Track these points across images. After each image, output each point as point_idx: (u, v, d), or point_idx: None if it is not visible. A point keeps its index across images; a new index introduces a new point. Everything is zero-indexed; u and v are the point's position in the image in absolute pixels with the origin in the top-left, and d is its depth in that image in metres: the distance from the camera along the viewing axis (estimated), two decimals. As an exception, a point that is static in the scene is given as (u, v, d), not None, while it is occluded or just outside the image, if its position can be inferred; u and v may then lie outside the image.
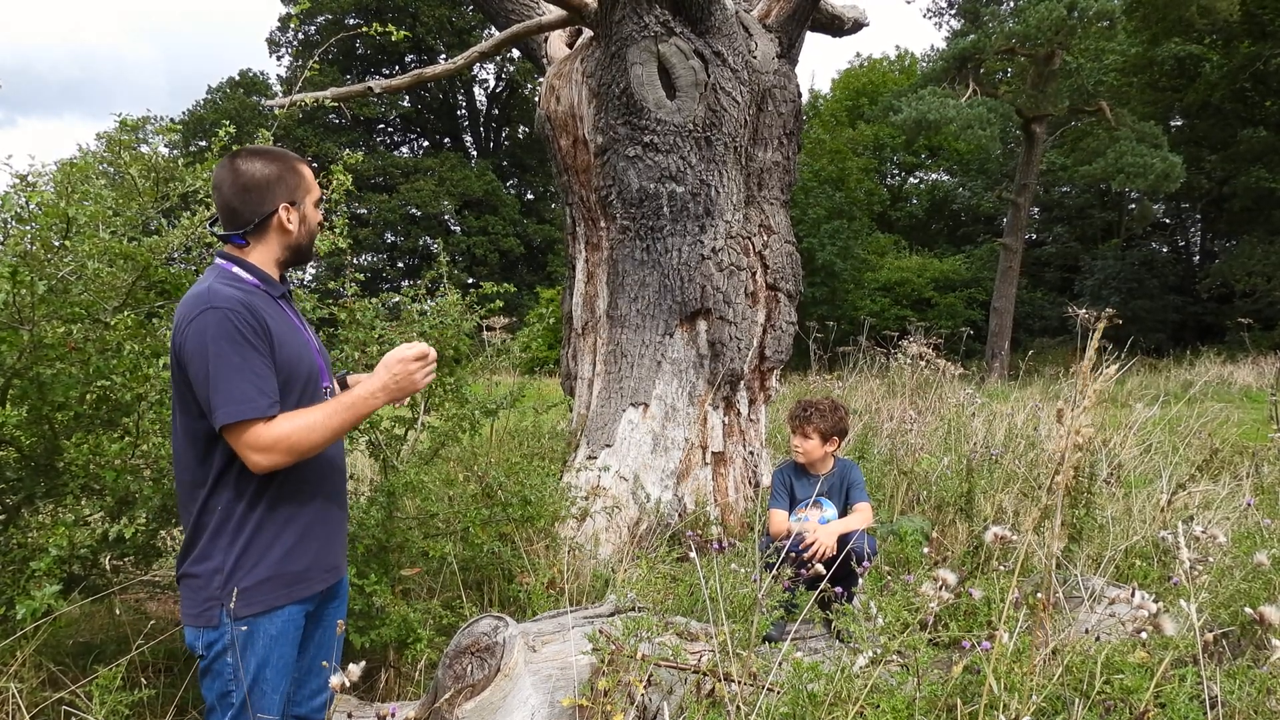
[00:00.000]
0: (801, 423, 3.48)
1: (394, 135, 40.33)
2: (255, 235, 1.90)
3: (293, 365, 1.84)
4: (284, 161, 1.93)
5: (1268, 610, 1.89)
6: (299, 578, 1.86)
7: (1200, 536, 2.42)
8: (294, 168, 1.93)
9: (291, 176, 1.92)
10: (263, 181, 1.87)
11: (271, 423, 1.73)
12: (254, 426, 1.71)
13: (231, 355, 1.70)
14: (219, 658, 1.81)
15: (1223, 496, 4.70)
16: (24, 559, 2.46)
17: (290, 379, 1.83)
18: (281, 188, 1.89)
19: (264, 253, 1.92)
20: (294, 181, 1.92)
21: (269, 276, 1.91)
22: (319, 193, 2.00)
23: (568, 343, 5.51)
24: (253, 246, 1.91)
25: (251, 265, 1.89)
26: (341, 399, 1.82)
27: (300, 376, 1.86)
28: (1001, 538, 2.02)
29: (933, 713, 2.13)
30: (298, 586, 1.87)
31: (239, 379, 1.70)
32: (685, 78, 4.77)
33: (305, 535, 1.89)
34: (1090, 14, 17.79)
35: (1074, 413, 1.68)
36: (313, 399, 1.91)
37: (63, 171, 2.72)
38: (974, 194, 30.43)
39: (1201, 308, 25.39)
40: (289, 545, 1.84)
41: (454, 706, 2.21)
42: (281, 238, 1.92)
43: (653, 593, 3.60)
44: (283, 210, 1.89)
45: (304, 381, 1.88)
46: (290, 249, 1.95)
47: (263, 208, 1.88)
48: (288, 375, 1.82)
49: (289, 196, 1.90)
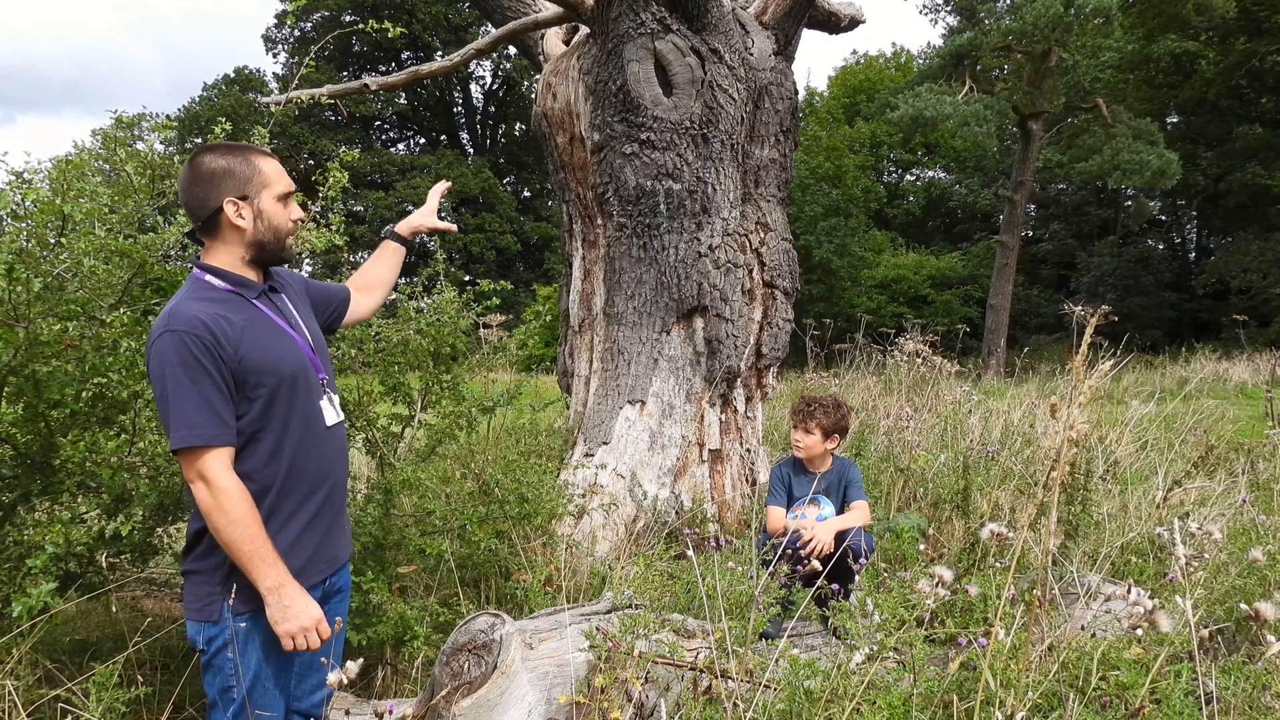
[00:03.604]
0: (805, 418, 3.49)
1: (390, 132, 40.28)
2: (208, 233, 1.86)
3: (271, 366, 1.81)
4: (238, 154, 1.85)
5: (1263, 606, 1.90)
6: (298, 573, 1.86)
7: (1196, 533, 2.43)
8: (248, 160, 1.85)
9: (244, 169, 1.84)
10: (209, 175, 1.82)
11: (221, 459, 1.71)
12: (203, 455, 1.70)
13: (184, 379, 1.69)
14: (219, 653, 1.82)
15: (1218, 493, 4.71)
16: (20, 556, 2.45)
17: (273, 380, 1.81)
18: (229, 182, 1.82)
19: (226, 252, 1.87)
20: (246, 175, 1.84)
21: (241, 278, 1.87)
22: (286, 188, 1.90)
23: (565, 340, 5.51)
24: (211, 246, 1.87)
25: (219, 269, 1.86)
26: (267, 550, 1.75)
27: (282, 375, 1.83)
28: (998, 535, 2.02)
29: (929, 709, 2.14)
30: (298, 579, 1.87)
31: (189, 405, 1.69)
32: (682, 75, 4.76)
33: (306, 530, 1.89)
34: (1087, 11, 17.78)
35: (1069, 409, 1.68)
36: (306, 394, 1.89)
37: (59, 168, 2.71)
38: (970, 191, 30.43)
39: (1197, 304, 25.44)
40: (289, 541, 1.84)
41: (451, 704, 2.21)
42: (236, 234, 1.85)
43: (650, 590, 3.61)
44: (228, 205, 1.82)
45: (289, 380, 1.85)
46: (251, 246, 1.87)
47: (209, 202, 1.82)
48: (270, 378, 1.80)
49: (238, 191, 1.83)
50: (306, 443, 1.89)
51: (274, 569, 1.75)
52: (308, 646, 1.80)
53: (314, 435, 1.91)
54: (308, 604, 1.79)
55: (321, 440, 1.94)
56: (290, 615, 1.76)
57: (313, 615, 1.79)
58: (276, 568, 1.75)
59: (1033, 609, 1.89)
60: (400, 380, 3.66)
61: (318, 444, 1.92)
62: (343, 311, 2.30)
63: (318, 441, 1.92)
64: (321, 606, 2.01)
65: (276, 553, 1.77)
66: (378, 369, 3.58)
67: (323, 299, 2.24)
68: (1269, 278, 21.21)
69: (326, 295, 2.25)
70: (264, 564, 1.74)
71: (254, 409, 1.80)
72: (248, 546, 1.72)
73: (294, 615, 1.76)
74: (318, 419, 1.93)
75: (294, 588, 1.78)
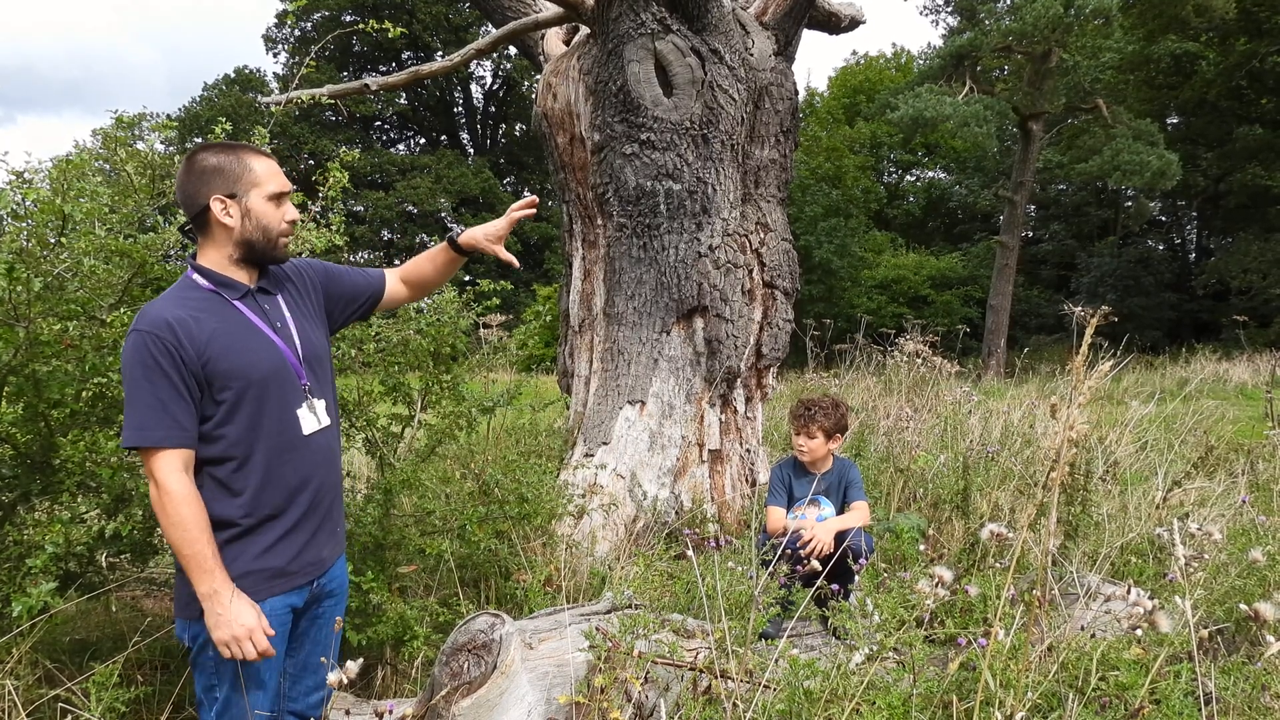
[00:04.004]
0: (806, 422, 3.48)
1: (391, 133, 40.28)
2: (200, 231, 1.86)
3: (242, 371, 1.79)
4: (230, 153, 1.84)
5: (1262, 607, 1.90)
6: (280, 573, 1.86)
7: (1195, 533, 2.43)
8: (239, 159, 1.84)
9: (234, 168, 1.83)
10: (200, 173, 1.81)
11: (170, 460, 1.71)
12: (153, 456, 1.70)
13: (142, 380, 1.70)
14: (203, 650, 1.82)
15: (1218, 493, 4.72)
16: (20, 556, 2.46)
17: (240, 384, 1.79)
18: (218, 180, 1.81)
19: (214, 250, 1.86)
20: (235, 173, 1.82)
21: (225, 278, 1.86)
22: (278, 187, 1.88)
23: (565, 340, 5.51)
24: (203, 244, 1.87)
25: (205, 269, 1.85)
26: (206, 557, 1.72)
27: (251, 379, 1.81)
28: (998, 535, 2.02)
29: (929, 709, 2.14)
30: (279, 581, 1.86)
31: (143, 406, 1.70)
32: (682, 75, 4.76)
33: (286, 535, 1.87)
34: (1087, 11, 17.79)
35: (1069, 409, 1.68)
36: (281, 400, 1.87)
37: (59, 168, 2.71)
38: (971, 192, 30.42)
39: (1197, 305, 25.44)
40: (265, 545, 1.83)
41: (451, 704, 2.21)
42: (224, 233, 1.84)
43: (650, 590, 3.61)
44: (215, 203, 1.81)
45: (260, 385, 1.82)
46: (239, 245, 1.86)
47: (197, 200, 1.81)
48: (238, 382, 1.79)
49: (226, 189, 1.81)
50: (280, 447, 1.86)
51: (209, 575, 1.72)
52: (243, 655, 1.75)
53: (288, 441, 1.87)
54: (242, 612, 1.75)
55: (297, 446, 1.89)
56: (222, 623, 1.73)
57: (245, 624, 1.74)
58: (212, 575, 1.73)
59: (1032, 609, 1.89)
60: (400, 380, 3.66)
61: (292, 449, 1.88)
62: (377, 299, 2.25)
63: (292, 447, 1.88)
64: (309, 609, 2.00)
65: (217, 559, 1.74)
66: (378, 369, 3.58)
67: (349, 293, 2.19)
68: (1269, 278, 21.21)
69: (354, 289, 2.20)
70: (200, 570, 1.72)
71: (220, 412, 1.78)
72: (186, 550, 1.71)
73: (225, 623, 1.73)
74: (293, 426, 1.89)
75: (229, 595, 1.74)
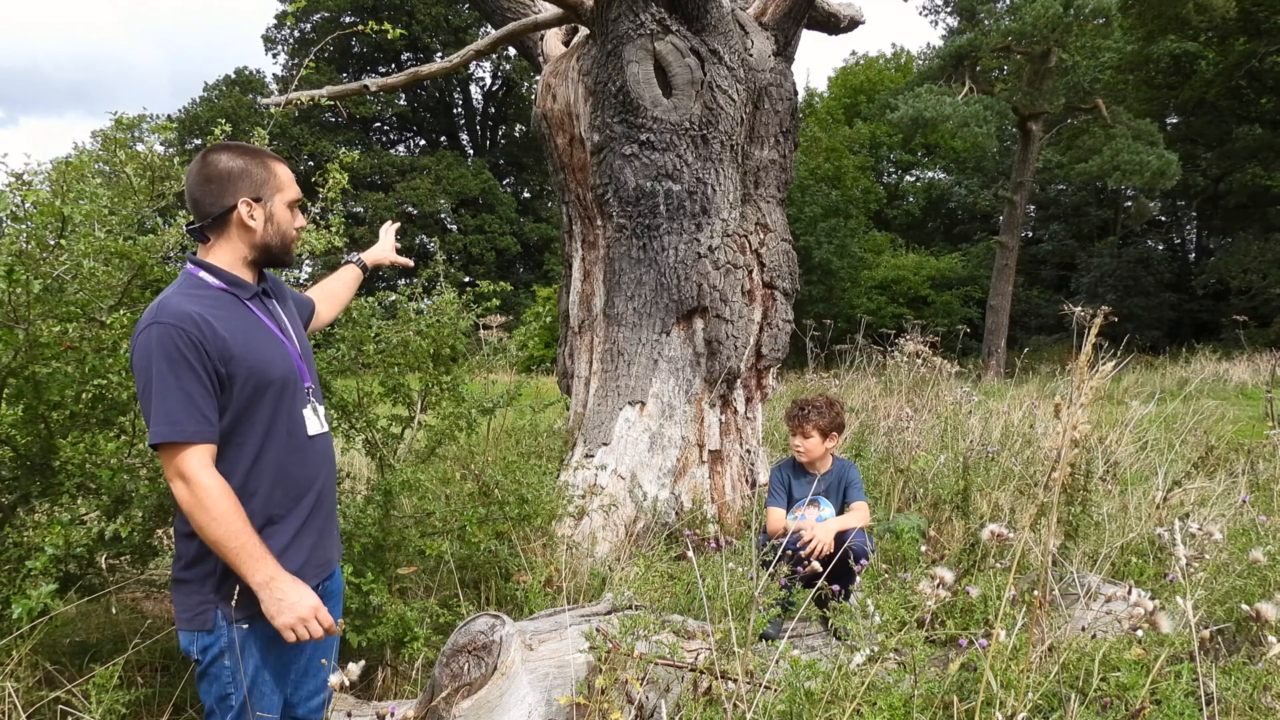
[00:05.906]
0: (800, 422, 3.49)
1: (390, 134, 40.27)
2: (216, 231, 1.85)
3: (260, 370, 1.80)
4: (254, 157, 1.87)
5: (1263, 607, 1.90)
6: (294, 575, 1.85)
7: (1196, 533, 2.42)
8: (264, 164, 1.88)
9: (259, 172, 1.86)
10: (225, 174, 1.83)
11: (201, 456, 1.69)
12: (183, 451, 1.68)
13: (168, 374, 1.67)
14: (215, 661, 1.80)
15: (1218, 493, 4.71)
16: (20, 558, 2.46)
17: (258, 383, 1.79)
18: (245, 182, 1.84)
19: (228, 251, 1.87)
20: (261, 177, 1.86)
21: (237, 278, 1.87)
22: (295, 195, 1.93)
23: (564, 341, 5.51)
24: (215, 243, 1.86)
25: (215, 267, 1.85)
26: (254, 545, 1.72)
27: (271, 380, 1.82)
28: (998, 535, 2.02)
29: (929, 710, 2.14)
30: None
31: (172, 400, 1.67)
32: (681, 76, 4.77)
33: (297, 535, 1.87)
34: (1086, 11, 17.79)
35: (1070, 409, 1.68)
36: (292, 401, 1.88)
37: (58, 170, 2.71)
38: (970, 192, 30.44)
39: (1197, 305, 25.44)
40: (281, 546, 1.82)
41: (451, 705, 2.21)
42: (244, 235, 1.86)
43: (650, 591, 3.61)
44: (243, 205, 1.83)
45: (277, 385, 1.83)
46: (257, 248, 1.88)
47: (222, 200, 1.82)
48: (256, 381, 1.79)
49: (253, 192, 1.84)
50: (291, 447, 1.87)
51: (262, 563, 1.72)
52: (310, 636, 1.76)
53: (297, 441, 1.89)
54: (303, 593, 1.75)
55: (304, 447, 1.91)
56: (286, 607, 1.73)
57: (309, 604, 1.75)
58: (265, 561, 1.72)
59: (1033, 610, 1.89)
60: (400, 381, 3.66)
61: (300, 450, 1.89)
62: (309, 320, 2.30)
63: (300, 448, 1.89)
64: None
65: (264, 546, 1.73)
66: (377, 370, 3.58)
67: (304, 312, 2.24)
68: (1269, 278, 21.21)
69: (299, 304, 2.24)
70: (252, 559, 1.70)
71: (236, 410, 1.78)
72: (233, 543, 1.69)
73: (289, 607, 1.73)
74: (301, 427, 1.91)
75: (286, 579, 1.74)
